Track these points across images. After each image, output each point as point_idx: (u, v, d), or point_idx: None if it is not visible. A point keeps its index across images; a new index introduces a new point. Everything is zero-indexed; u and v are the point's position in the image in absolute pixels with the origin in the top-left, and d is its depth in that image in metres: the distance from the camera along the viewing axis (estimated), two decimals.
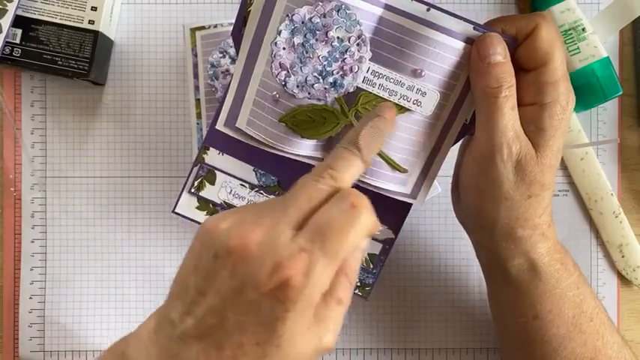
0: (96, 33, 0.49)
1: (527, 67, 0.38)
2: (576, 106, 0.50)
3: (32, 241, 0.52)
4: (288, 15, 0.37)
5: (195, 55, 0.51)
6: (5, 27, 0.48)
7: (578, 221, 0.53)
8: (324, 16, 0.37)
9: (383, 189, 0.41)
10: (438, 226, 0.52)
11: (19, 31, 0.49)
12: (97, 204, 0.52)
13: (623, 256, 0.52)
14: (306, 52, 0.37)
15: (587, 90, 0.49)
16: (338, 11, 0.36)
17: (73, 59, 0.49)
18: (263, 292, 0.29)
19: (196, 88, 0.51)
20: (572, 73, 0.49)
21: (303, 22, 0.37)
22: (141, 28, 0.52)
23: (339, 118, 0.39)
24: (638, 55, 0.52)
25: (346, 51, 0.37)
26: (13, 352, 0.51)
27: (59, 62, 0.49)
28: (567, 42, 0.49)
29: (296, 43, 0.37)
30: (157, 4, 0.52)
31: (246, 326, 0.29)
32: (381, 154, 0.40)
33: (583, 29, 0.49)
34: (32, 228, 0.52)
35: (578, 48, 0.49)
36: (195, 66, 0.51)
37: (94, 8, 0.49)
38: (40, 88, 0.52)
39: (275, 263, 0.29)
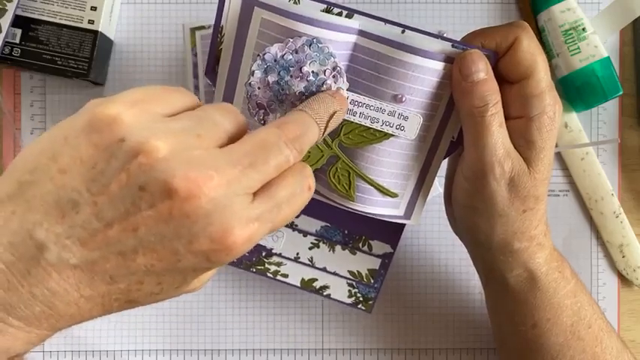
0: (95, 33, 0.49)
1: (511, 80, 0.37)
2: (577, 106, 0.51)
3: None
4: (259, 54, 0.36)
5: (195, 55, 0.50)
6: (5, 27, 0.48)
7: (578, 221, 0.53)
8: (297, 52, 0.35)
9: (376, 214, 0.40)
10: (439, 226, 0.52)
11: (18, 31, 0.48)
12: None
13: (623, 256, 0.52)
14: (282, 90, 0.36)
15: (587, 90, 0.49)
16: (310, 46, 0.35)
17: (72, 59, 0.49)
18: (195, 249, 0.26)
19: (196, 88, 0.51)
20: (573, 73, 0.49)
21: (275, 60, 0.36)
22: (141, 28, 0.52)
23: (322, 151, 0.39)
24: (639, 54, 0.52)
25: (323, 84, 0.36)
26: None
27: (59, 62, 0.49)
28: (568, 42, 0.49)
29: (271, 82, 0.36)
30: (156, 3, 0.52)
31: (155, 270, 0.26)
32: (370, 182, 0.39)
33: (583, 29, 0.49)
34: None
35: (578, 48, 0.49)
36: (195, 66, 0.50)
37: (93, 8, 0.49)
38: (40, 88, 0.52)
39: (224, 229, 0.26)
